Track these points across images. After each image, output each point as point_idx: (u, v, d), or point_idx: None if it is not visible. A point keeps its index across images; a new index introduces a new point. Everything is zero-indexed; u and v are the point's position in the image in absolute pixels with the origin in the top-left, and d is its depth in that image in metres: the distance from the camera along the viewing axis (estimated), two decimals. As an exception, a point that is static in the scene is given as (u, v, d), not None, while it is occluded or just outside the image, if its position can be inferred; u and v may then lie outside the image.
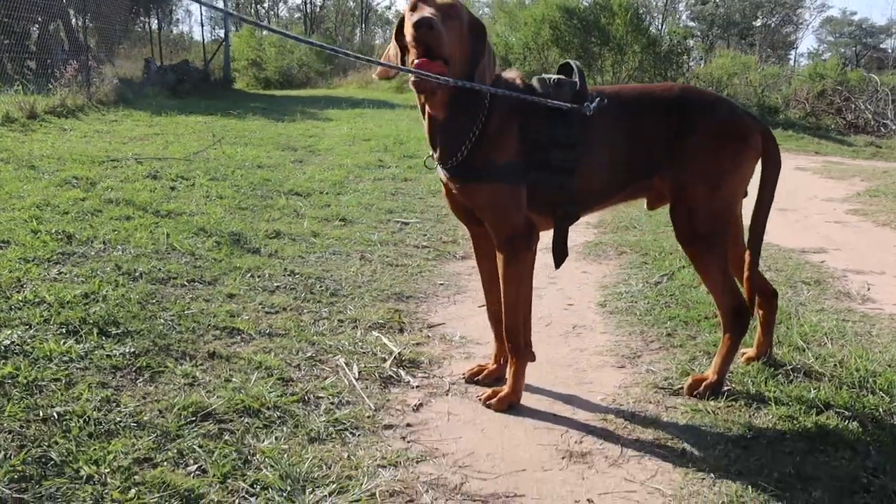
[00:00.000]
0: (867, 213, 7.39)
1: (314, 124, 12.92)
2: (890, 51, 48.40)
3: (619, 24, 19.05)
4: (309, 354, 3.28)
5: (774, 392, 3.01)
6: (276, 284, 4.17)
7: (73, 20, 16.57)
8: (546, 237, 3.06)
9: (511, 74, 2.96)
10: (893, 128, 16.93)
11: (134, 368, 2.94)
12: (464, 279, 4.65)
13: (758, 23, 47.86)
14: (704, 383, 3.03)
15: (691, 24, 42.83)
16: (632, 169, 2.97)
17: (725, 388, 3.04)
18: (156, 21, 22.38)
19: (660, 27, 31.34)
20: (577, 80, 2.89)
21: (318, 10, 49.43)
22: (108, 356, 2.98)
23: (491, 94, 2.76)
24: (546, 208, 2.93)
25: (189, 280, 4.05)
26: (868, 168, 11.28)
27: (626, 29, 19.07)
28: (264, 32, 31.64)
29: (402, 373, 3.21)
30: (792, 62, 43.95)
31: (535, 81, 2.92)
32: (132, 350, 3.06)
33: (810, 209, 7.63)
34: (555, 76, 2.93)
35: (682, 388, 3.08)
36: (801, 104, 18.11)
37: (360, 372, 3.16)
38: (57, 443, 2.34)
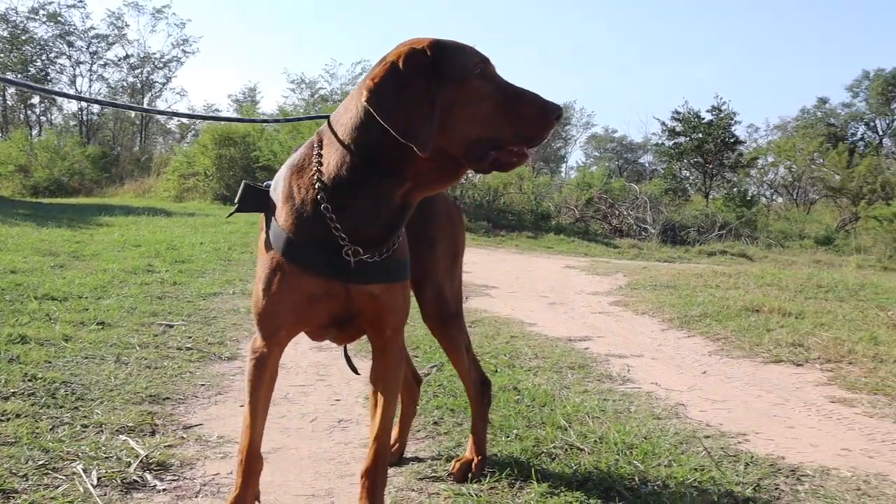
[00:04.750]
0: (628, 304, 7.88)
1: (83, 231, 12.24)
2: (647, 164, 53.05)
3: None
4: (41, 462, 2.95)
5: (538, 470, 3.04)
6: (11, 390, 3.77)
7: None
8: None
9: None
10: (652, 231, 18.38)
11: None
12: (227, 379, 4.42)
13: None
14: (473, 463, 3.03)
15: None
16: None
17: (488, 470, 3.03)
18: None
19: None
20: None
21: (95, 117, 47.76)
22: None
23: None
24: None
25: None
26: (631, 265, 12.12)
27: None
28: (35, 136, 30.02)
29: (149, 476, 2.95)
30: (563, 174, 47.03)
31: None
32: None
33: (577, 302, 8.04)
34: None
35: (449, 473, 3.05)
36: (571, 211, 19.28)
37: (99, 478, 2.87)
38: None
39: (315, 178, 2.16)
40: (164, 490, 2.86)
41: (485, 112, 2.04)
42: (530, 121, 2.06)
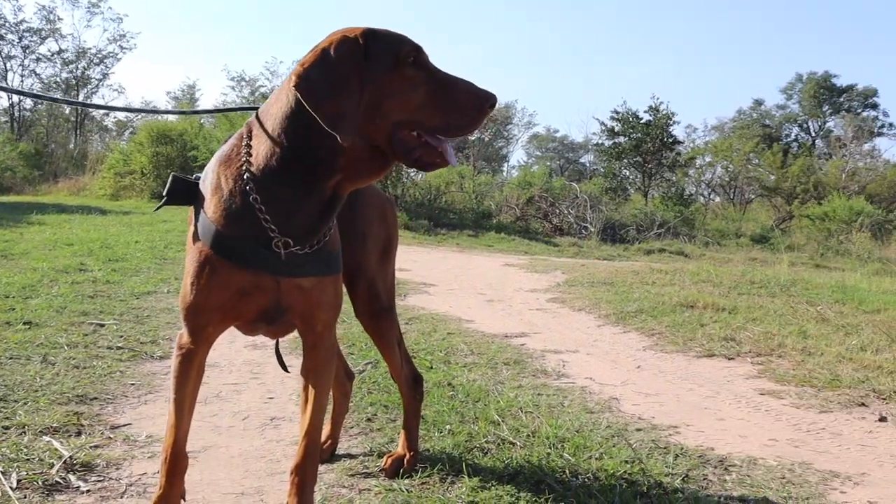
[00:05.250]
0: (565, 301, 7.96)
1: (12, 229, 11.92)
2: (587, 164, 53.64)
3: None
4: (-42, 465, 2.86)
5: (469, 465, 3.05)
6: (-70, 392, 3.66)
7: None
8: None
9: None
10: (592, 230, 18.59)
11: None
12: (159, 378, 4.34)
13: (473, 137, 51.33)
14: (406, 459, 3.02)
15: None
16: None
17: (420, 465, 3.02)
18: None
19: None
20: None
21: (27, 113, 46.51)
22: None
23: None
24: None
25: None
26: (569, 263, 12.24)
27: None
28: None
29: (72, 478, 2.87)
30: (505, 173, 47.32)
31: None
32: None
33: (515, 299, 8.09)
34: None
35: (381, 469, 3.03)
36: (513, 209, 19.40)
37: (19, 480, 2.79)
38: None
39: (244, 168, 2.12)
40: (88, 491, 2.79)
41: (417, 100, 2.01)
42: (464, 108, 2.03)
